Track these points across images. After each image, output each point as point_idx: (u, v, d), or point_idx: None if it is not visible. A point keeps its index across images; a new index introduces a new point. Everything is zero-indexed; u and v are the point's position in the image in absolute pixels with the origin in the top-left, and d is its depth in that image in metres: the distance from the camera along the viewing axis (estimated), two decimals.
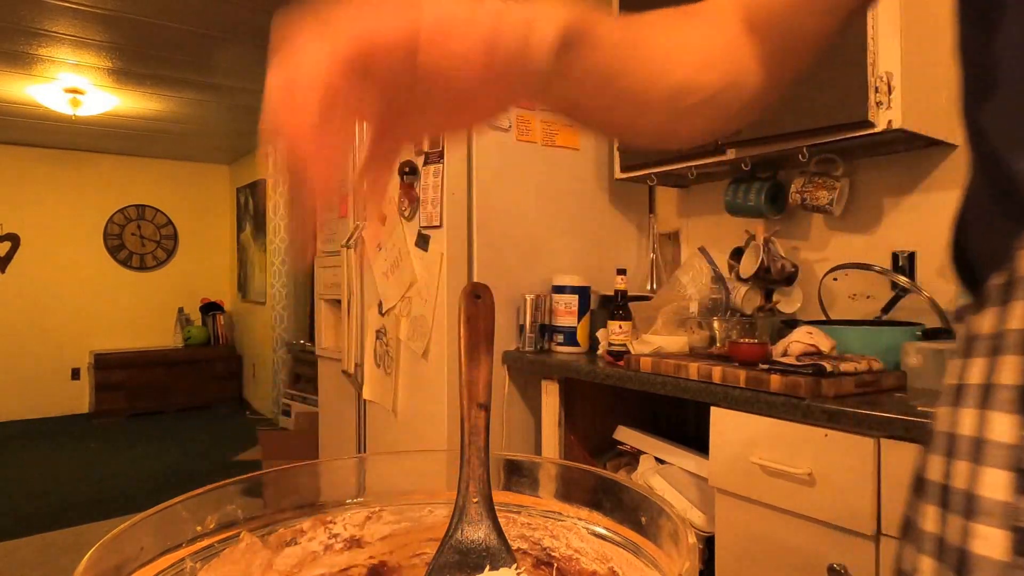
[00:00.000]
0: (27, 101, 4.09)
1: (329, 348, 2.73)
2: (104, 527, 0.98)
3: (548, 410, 1.95)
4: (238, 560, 0.44)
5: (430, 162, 2.06)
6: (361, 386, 2.41)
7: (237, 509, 0.45)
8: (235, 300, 6.27)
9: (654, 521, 0.41)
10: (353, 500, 0.51)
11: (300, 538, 0.48)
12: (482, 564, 0.43)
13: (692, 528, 0.36)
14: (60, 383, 5.65)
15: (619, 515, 0.45)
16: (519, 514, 0.50)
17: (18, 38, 3.11)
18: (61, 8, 2.79)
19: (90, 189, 5.74)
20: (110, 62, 3.46)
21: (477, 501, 0.44)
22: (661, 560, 0.39)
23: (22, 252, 5.47)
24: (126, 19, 2.92)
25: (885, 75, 1.45)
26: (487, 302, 0.49)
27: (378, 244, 2.32)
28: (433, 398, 2.06)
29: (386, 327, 2.28)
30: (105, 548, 0.36)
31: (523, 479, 0.51)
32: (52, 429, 5.20)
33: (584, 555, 0.46)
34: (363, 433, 2.48)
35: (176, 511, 0.42)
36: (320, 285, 2.80)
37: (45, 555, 2.85)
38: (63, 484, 3.83)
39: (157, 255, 6.09)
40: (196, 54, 3.37)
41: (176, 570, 0.41)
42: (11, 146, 5.36)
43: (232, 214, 6.35)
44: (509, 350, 2.07)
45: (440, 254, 2.01)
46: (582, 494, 0.48)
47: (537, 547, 0.49)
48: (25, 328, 5.46)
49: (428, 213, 2.06)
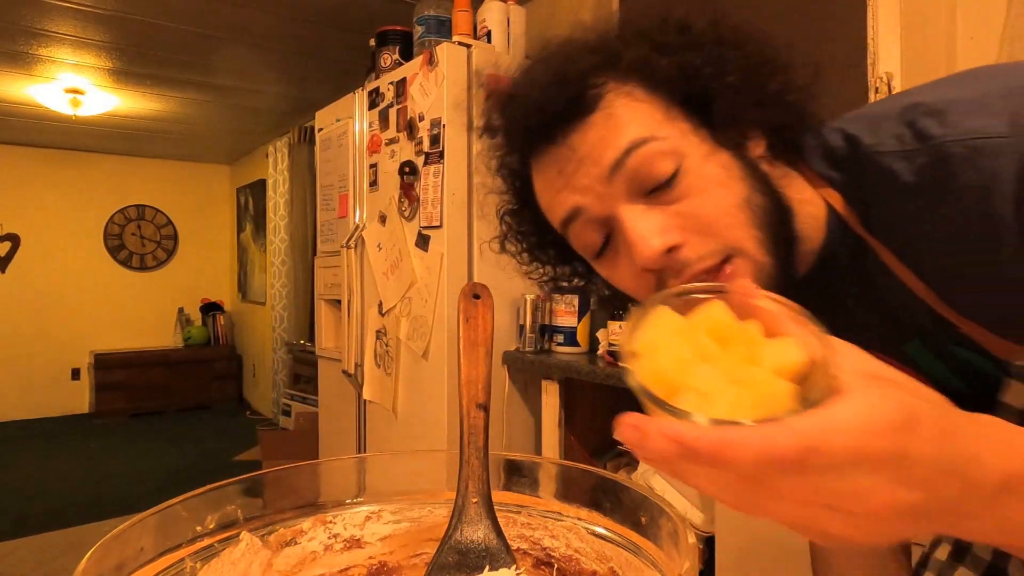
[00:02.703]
0: (27, 101, 4.09)
1: (329, 348, 2.73)
2: (104, 527, 0.98)
3: (548, 410, 1.95)
4: (238, 560, 0.44)
5: (430, 162, 2.06)
6: (361, 386, 2.41)
7: (237, 509, 0.45)
8: (235, 300, 6.27)
9: (654, 521, 0.41)
10: (353, 500, 0.51)
11: (300, 538, 0.48)
12: (482, 564, 0.43)
13: (692, 528, 0.36)
14: (60, 383, 5.64)
15: (619, 515, 0.45)
16: (519, 514, 0.50)
17: (18, 38, 3.10)
18: (61, 8, 2.79)
19: (90, 189, 5.74)
20: (110, 62, 3.46)
21: (476, 501, 0.44)
22: (661, 560, 0.39)
23: (22, 252, 5.47)
24: (126, 19, 2.92)
25: (885, 75, 1.45)
26: (486, 302, 0.49)
27: (378, 244, 2.32)
28: (433, 398, 2.06)
29: (386, 327, 2.28)
30: (105, 548, 0.36)
31: (523, 479, 0.51)
32: (52, 429, 5.20)
33: (584, 555, 0.46)
34: (363, 433, 2.48)
35: (176, 511, 0.42)
36: (320, 285, 2.80)
37: (45, 555, 2.85)
38: (63, 484, 3.82)
39: (157, 255, 6.09)
40: (196, 54, 3.37)
41: (176, 570, 0.41)
42: (11, 146, 5.36)
43: (232, 214, 6.35)
44: (509, 350, 2.06)
45: (440, 254, 2.01)
46: (582, 494, 0.48)
47: (537, 547, 0.49)
48: (25, 328, 5.46)
49: (428, 213, 2.06)
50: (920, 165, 0.44)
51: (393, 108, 2.25)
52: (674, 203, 0.49)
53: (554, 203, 0.53)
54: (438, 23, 2.21)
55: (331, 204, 2.66)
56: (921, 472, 0.28)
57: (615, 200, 0.49)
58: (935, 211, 0.44)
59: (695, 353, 0.31)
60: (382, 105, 2.32)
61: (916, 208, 0.45)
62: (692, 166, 0.48)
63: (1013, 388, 0.47)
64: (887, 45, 1.46)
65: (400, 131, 2.21)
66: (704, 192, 0.48)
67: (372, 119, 2.38)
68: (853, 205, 0.50)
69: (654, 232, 0.48)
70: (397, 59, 2.32)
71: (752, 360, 0.30)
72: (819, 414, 0.27)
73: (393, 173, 2.22)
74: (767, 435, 0.26)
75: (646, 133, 0.49)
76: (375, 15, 2.70)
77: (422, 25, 2.23)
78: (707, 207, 0.48)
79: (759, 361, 0.30)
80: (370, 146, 2.40)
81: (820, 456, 0.26)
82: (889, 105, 0.48)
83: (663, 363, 0.30)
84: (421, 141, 2.09)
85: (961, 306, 0.47)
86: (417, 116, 2.11)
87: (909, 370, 0.53)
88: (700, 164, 0.49)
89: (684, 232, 0.48)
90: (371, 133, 2.39)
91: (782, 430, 0.26)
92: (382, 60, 2.36)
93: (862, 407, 0.27)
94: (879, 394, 0.28)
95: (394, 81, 2.24)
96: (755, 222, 0.48)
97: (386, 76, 2.31)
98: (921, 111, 0.45)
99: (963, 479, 0.29)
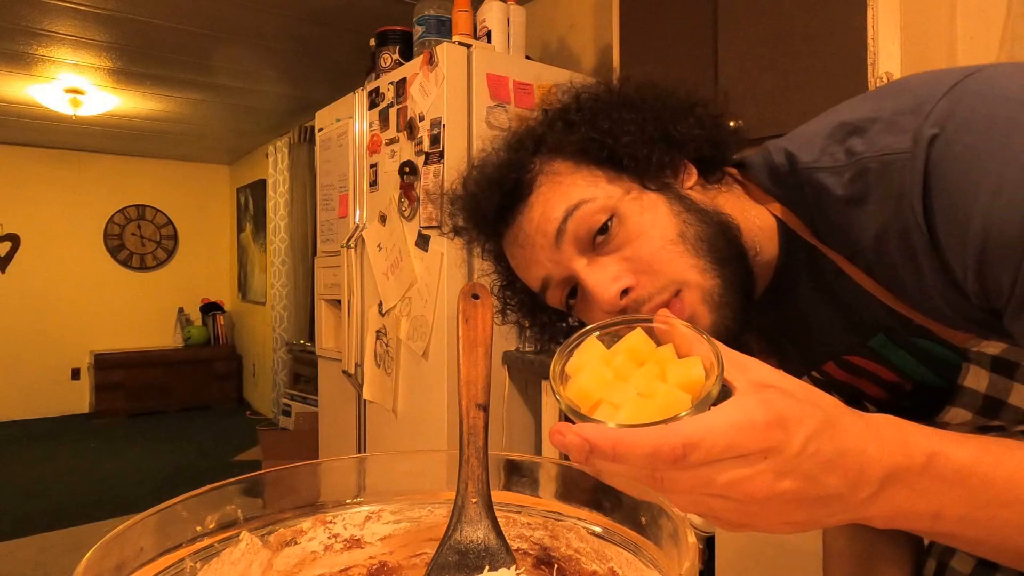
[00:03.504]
0: (27, 101, 4.09)
1: (329, 348, 2.73)
2: (104, 527, 0.98)
3: (548, 410, 1.95)
4: (238, 560, 0.44)
5: (430, 162, 2.06)
6: (361, 386, 2.41)
7: (237, 509, 0.45)
8: (235, 300, 6.27)
9: (654, 521, 0.41)
10: (353, 500, 0.51)
11: (300, 538, 0.48)
12: (481, 564, 0.43)
13: (692, 528, 0.36)
14: (60, 383, 5.64)
15: (619, 515, 0.45)
16: (519, 514, 0.50)
17: (18, 38, 3.10)
18: (61, 8, 2.79)
19: (90, 189, 5.74)
20: (110, 62, 3.46)
21: (476, 501, 0.44)
22: (661, 560, 0.39)
23: (22, 252, 5.47)
24: (126, 19, 2.92)
25: (885, 75, 1.45)
26: (486, 302, 0.49)
27: (378, 244, 2.32)
28: (433, 398, 2.06)
29: (386, 327, 2.28)
30: (105, 548, 0.36)
31: (523, 479, 0.51)
32: (52, 429, 5.20)
33: (584, 555, 0.46)
34: (363, 433, 2.48)
35: (176, 511, 0.42)
36: (320, 285, 2.80)
37: (45, 555, 2.85)
38: (63, 484, 3.83)
39: (157, 255, 6.09)
40: (196, 54, 3.37)
41: (176, 570, 0.41)
42: (11, 146, 5.36)
43: (232, 214, 6.35)
44: (509, 350, 2.07)
45: (440, 254, 2.01)
46: (582, 494, 0.48)
47: (537, 547, 0.49)
48: (25, 328, 5.46)
49: (428, 213, 2.06)
50: (847, 180, 0.48)
51: (393, 108, 2.25)
52: (618, 250, 0.55)
53: (527, 277, 0.60)
54: (438, 23, 2.21)
55: (331, 204, 2.66)
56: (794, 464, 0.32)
57: (569, 260, 0.56)
58: (862, 221, 0.48)
59: (614, 373, 0.37)
60: (382, 105, 2.32)
61: (849, 218, 0.49)
62: (626, 213, 0.54)
63: (972, 372, 0.50)
64: (887, 45, 1.46)
65: (400, 131, 2.21)
66: (640, 235, 0.54)
67: (372, 119, 2.38)
68: (800, 217, 0.55)
69: (608, 280, 0.54)
70: (397, 59, 2.32)
71: (662, 377, 0.37)
72: (700, 417, 0.32)
73: (393, 173, 2.22)
74: (655, 433, 0.31)
75: (577, 199, 0.55)
76: (375, 15, 2.70)
77: (422, 25, 2.23)
78: (645, 248, 0.54)
79: (667, 378, 0.36)
80: (370, 146, 2.40)
81: (699, 451, 0.31)
82: (823, 123, 0.53)
83: (586, 383, 0.37)
84: (421, 141, 2.09)
85: (912, 302, 0.50)
86: (417, 116, 2.11)
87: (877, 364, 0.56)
88: (631, 210, 0.55)
89: (634, 274, 0.54)
90: (371, 133, 2.39)
91: (668, 430, 0.31)
92: (382, 60, 2.36)
93: (737, 410, 0.32)
94: (756, 399, 0.33)
95: (394, 81, 2.24)
96: (693, 251, 0.54)
97: (386, 76, 2.31)
98: (847, 130, 0.49)
99: (844, 471, 0.34)
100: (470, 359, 0.46)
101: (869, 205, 0.47)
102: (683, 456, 0.31)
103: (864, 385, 0.59)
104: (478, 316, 0.48)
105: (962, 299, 0.45)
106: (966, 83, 0.44)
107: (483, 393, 0.45)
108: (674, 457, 0.31)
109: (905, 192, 0.44)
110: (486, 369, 0.46)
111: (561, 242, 0.55)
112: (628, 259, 0.54)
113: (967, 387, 0.51)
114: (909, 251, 0.46)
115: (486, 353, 0.47)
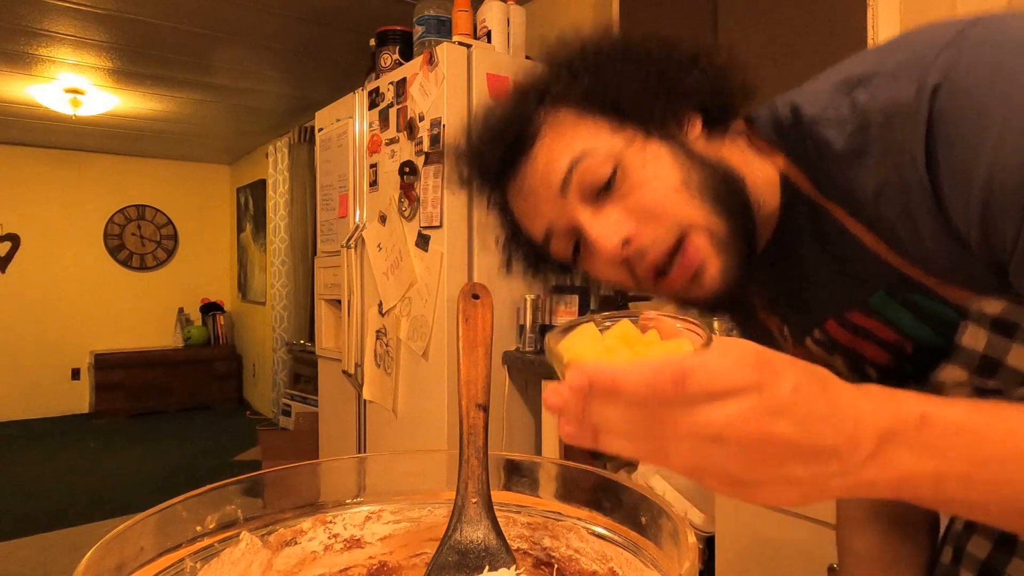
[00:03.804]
0: (27, 101, 4.09)
1: (329, 348, 2.73)
2: (104, 527, 0.98)
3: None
4: (238, 560, 0.44)
5: (430, 162, 2.06)
6: (361, 386, 2.41)
7: (237, 509, 0.45)
8: (235, 300, 6.27)
9: (654, 521, 0.41)
10: (353, 500, 0.51)
11: (300, 538, 0.48)
12: (481, 564, 0.43)
13: (692, 528, 0.36)
14: (60, 383, 5.64)
15: (619, 515, 0.45)
16: (519, 514, 0.50)
17: (18, 38, 3.10)
18: (61, 8, 2.79)
19: (90, 189, 5.74)
20: (110, 62, 3.46)
21: (476, 501, 0.44)
22: (661, 560, 0.39)
23: (22, 252, 5.47)
24: (126, 19, 2.92)
25: None
26: (486, 302, 0.49)
27: (378, 244, 2.32)
28: (433, 398, 2.06)
29: (386, 327, 2.28)
30: (105, 548, 0.36)
31: (523, 479, 0.51)
32: (52, 429, 5.20)
33: (584, 555, 0.46)
34: (363, 433, 2.48)
35: (176, 511, 0.42)
36: (320, 285, 2.80)
37: (45, 555, 2.85)
38: (63, 484, 3.83)
39: (157, 255, 6.09)
40: (196, 54, 3.37)
41: (176, 570, 0.41)
42: (11, 146, 5.36)
43: (232, 214, 6.35)
44: (509, 350, 2.06)
45: (440, 254, 2.01)
46: (582, 494, 0.48)
47: (537, 547, 0.49)
48: (25, 328, 5.46)
49: (428, 213, 2.06)
50: (848, 133, 0.48)
51: (393, 108, 2.25)
52: (622, 200, 0.55)
53: (532, 227, 0.60)
54: (438, 23, 2.21)
55: (331, 204, 2.66)
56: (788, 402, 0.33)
57: (573, 210, 0.56)
58: (864, 174, 0.48)
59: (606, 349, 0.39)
60: (382, 105, 2.32)
61: (851, 172, 0.49)
62: (630, 164, 0.54)
63: (970, 331, 0.50)
64: None
65: (400, 131, 2.21)
66: (644, 183, 0.54)
67: (372, 119, 2.38)
68: (802, 170, 0.55)
69: (609, 229, 0.54)
70: (397, 59, 2.32)
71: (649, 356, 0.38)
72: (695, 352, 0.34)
73: (393, 173, 2.22)
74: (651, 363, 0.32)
75: (581, 149, 0.55)
76: (375, 15, 2.70)
77: (422, 25, 2.23)
78: (649, 195, 0.54)
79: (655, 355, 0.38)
80: (370, 146, 2.40)
81: (695, 383, 0.32)
82: (830, 78, 0.53)
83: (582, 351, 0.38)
84: (421, 141, 2.09)
85: (911, 258, 0.50)
86: (417, 116, 2.11)
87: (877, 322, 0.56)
88: (636, 160, 0.55)
89: (636, 223, 0.54)
90: (371, 133, 2.39)
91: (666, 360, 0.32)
92: (382, 60, 2.36)
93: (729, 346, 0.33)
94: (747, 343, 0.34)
95: (394, 81, 2.24)
96: (699, 196, 0.54)
97: (386, 76, 2.31)
98: (852, 83, 0.49)
99: (838, 425, 0.34)
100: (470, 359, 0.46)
101: (870, 159, 0.47)
102: (681, 381, 0.31)
103: (865, 348, 0.59)
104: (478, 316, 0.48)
105: (963, 253, 0.45)
106: (969, 32, 0.43)
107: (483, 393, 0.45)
108: (673, 381, 0.31)
109: (907, 144, 0.44)
110: (486, 369, 0.46)
111: (566, 192, 0.55)
112: (630, 208, 0.54)
113: (964, 345, 0.51)
114: (910, 205, 0.46)
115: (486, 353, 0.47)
